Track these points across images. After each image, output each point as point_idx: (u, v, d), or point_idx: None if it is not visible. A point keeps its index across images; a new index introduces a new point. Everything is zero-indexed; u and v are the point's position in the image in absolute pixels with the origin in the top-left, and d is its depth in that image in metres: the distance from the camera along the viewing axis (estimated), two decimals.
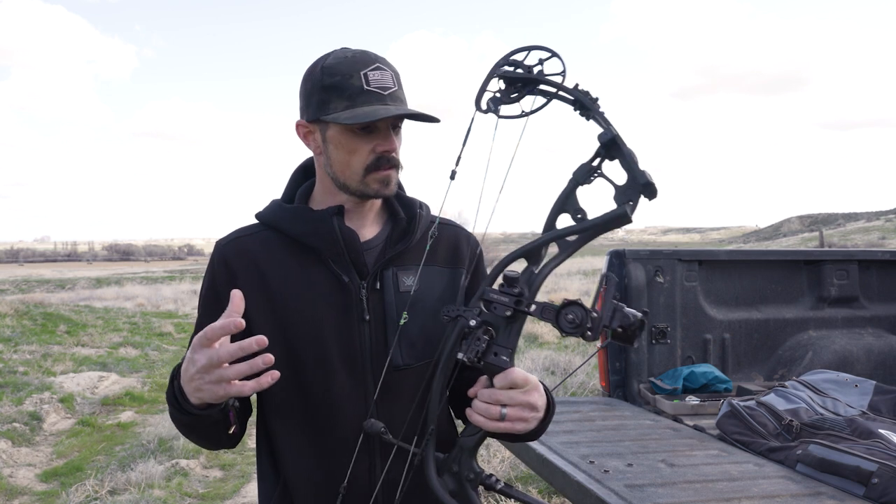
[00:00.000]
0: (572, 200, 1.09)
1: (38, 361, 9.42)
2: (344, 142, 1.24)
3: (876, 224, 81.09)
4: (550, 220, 1.10)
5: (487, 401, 1.11)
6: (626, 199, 1.05)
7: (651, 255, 3.68)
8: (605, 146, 1.06)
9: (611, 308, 1.03)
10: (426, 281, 1.32)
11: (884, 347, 3.82)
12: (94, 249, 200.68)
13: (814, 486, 2.16)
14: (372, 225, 1.35)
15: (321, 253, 1.27)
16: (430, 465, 1.11)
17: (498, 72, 1.13)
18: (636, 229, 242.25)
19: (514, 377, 1.10)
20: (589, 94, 1.09)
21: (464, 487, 1.10)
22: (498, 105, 1.12)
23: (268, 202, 1.37)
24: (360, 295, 1.27)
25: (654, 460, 2.40)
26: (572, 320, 1.04)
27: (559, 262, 1.10)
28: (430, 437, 1.12)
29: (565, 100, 1.11)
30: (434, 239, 1.35)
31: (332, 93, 1.23)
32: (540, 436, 1.29)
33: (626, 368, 3.59)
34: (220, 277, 1.29)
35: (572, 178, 1.09)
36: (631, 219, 1.05)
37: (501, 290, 1.09)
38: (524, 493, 1.12)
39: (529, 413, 1.13)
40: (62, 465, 5.50)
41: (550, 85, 1.11)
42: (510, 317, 1.09)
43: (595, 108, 1.08)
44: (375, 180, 1.26)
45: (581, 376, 7.03)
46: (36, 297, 19.73)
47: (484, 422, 1.11)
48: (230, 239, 1.34)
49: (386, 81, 1.24)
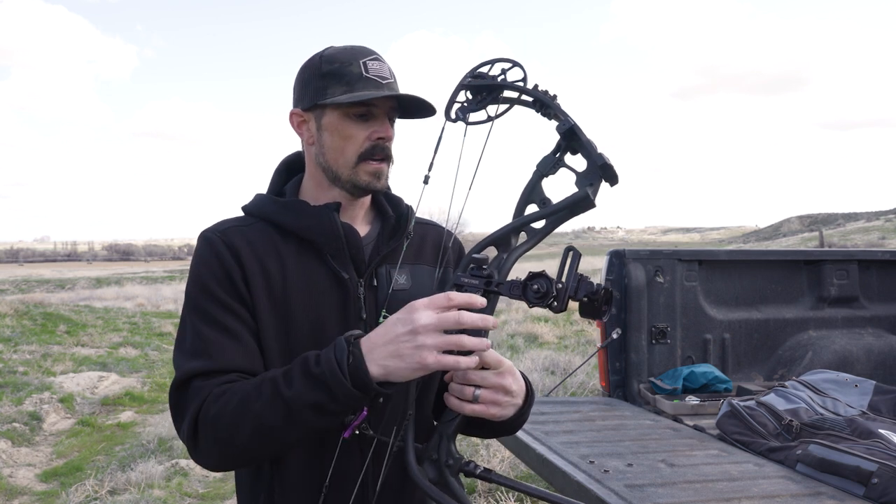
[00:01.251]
0: (538, 190, 1.14)
1: (37, 361, 9.42)
2: (340, 127, 1.24)
3: (876, 224, 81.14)
4: (518, 210, 1.15)
5: (461, 382, 1.12)
6: (586, 183, 1.10)
7: (651, 255, 3.68)
8: (564, 136, 1.12)
9: (575, 279, 1.06)
10: (417, 280, 1.33)
11: (884, 347, 3.82)
12: (93, 249, 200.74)
13: (814, 486, 2.16)
14: (362, 223, 1.34)
15: (320, 248, 1.25)
16: (410, 450, 1.11)
17: (464, 82, 1.20)
18: (636, 229, 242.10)
19: (486, 357, 1.10)
20: (547, 92, 1.15)
21: (444, 475, 1.11)
22: (466, 114, 1.19)
23: (251, 197, 1.34)
24: (359, 293, 1.26)
25: (654, 460, 2.40)
26: (537, 290, 1.06)
27: (528, 248, 1.15)
28: (408, 422, 1.13)
29: (526, 103, 1.18)
30: (421, 239, 1.37)
31: (331, 79, 1.24)
32: (519, 428, 1.28)
33: (626, 368, 3.59)
34: (228, 262, 1.22)
35: (536, 169, 1.15)
36: (594, 202, 1.09)
37: (471, 273, 1.12)
38: (503, 477, 1.13)
39: (503, 397, 1.13)
40: (62, 465, 5.50)
41: (512, 89, 1.18)
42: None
43: (553, 104, 1.14)
44: (367, 172, 1.25)
45: (581, 376, 7.03)
46: (36, 297, 19.73)
47: (458, 404, 1.11)
48: (227, 227, 1.27)
49: (384, 72, 1.26)
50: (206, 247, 1.25)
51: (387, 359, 1.03)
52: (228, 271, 1.21)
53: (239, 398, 1.10)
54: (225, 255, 1.22)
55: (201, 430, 1.12)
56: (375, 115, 1.25)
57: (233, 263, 1.22)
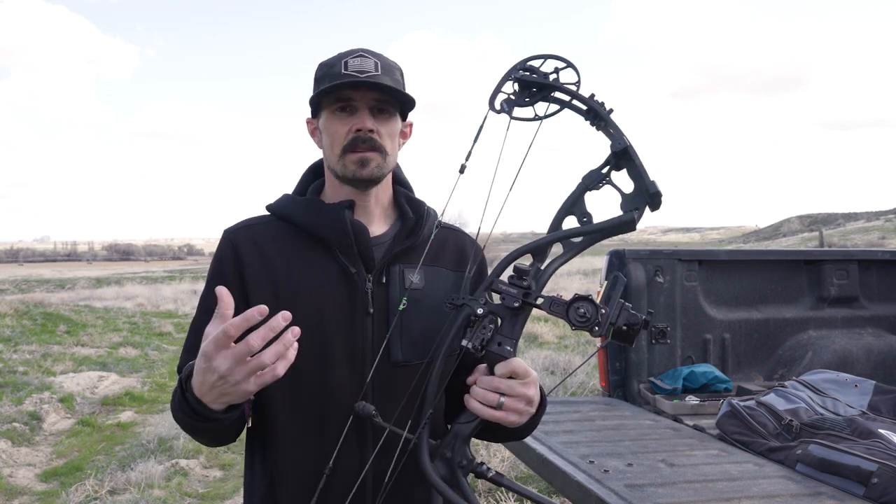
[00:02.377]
0: (580, 204, 1.13)
1: (37, 361, 9.42)
2: (328, 125, 1.30)
3: (876, 224, 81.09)
4: (557, 221, 1.14)
5: (487, 388, 1.13)
6: (632, 207, 1.09)
7: (651, 255, 3.68)
8: (616, 155, 1.10)
9: (618, 307, 1.07)
10: (432, 281, 1.33)
11: (883, 347, 3.82)
12: (93, 249, 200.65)
13: (814, 486, 2.16)
14: (380, 222, 1.38)
15: (330, 244, 1.29)
16: (424, 449, 1.12)
17: (514, 75, 1.17)
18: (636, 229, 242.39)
19: (516, 367, 1.12)
20: (604, 105, 1.13)
21: (455, 473, 1.11)
22: (511, 107, 1.16)
23: (279, 196, 1.41)
24: (366, 288, 1.28)
25: (654, 460, 2.40)
26: (583, 314, 1.07)
27: (564, 261, 1.14)
28: (426, 422, 1.13)
29: (577, 109, 1.15)
30: (442, 242, 1.38)
31: (320, 83, 1.29)
32: (527, 435, 1.30)
33: (626, 368, 3.59)
34: (227, 264, 1.30)
35: (581, 182, 1.13)
36: (636, 226, 1.10)
37: (511, 281, 1.11)
38: (514, 483, 1.13)
39: (525, 406, 1.15)
40: (62, 464, 5.50)
41: (566, 93, 1.15)
42: (516, 308, 1.12)
43: (609, 119, 1.12)
44: (352, 161, 1.28)
45: (581, 376, 7.03)
46: (36, 296, 19.73)
47: (481, 408, 1.12)
48: (239, 227, 1.36)
49: (366, 66, 1.27)
50: (218, 246, 1.35)
51: (219, 398, 1.07)
52: (224, 270, 1.30)
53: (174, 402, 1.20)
54: (226, 255, 1.31)
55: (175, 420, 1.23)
56: (356, 109, 1.28)
57: (231, 262, 1.30)
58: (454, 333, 1.13)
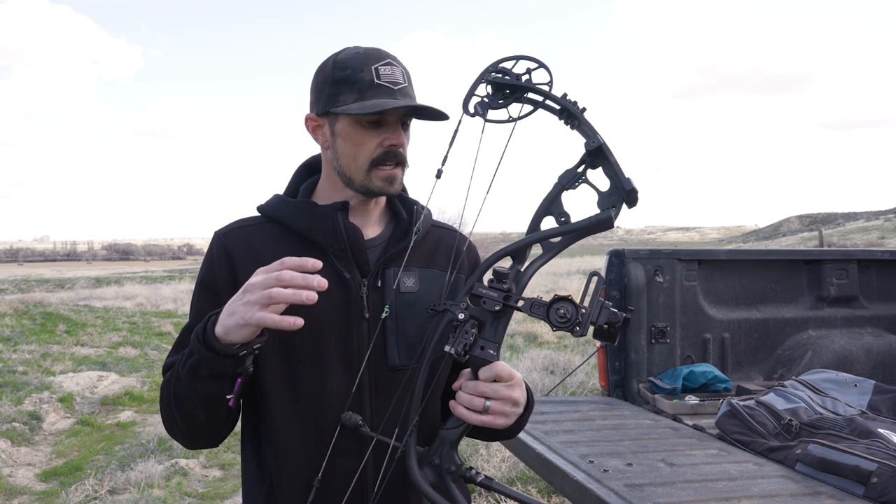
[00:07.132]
0: (557, 204, 1.14)
1: (37, 361, 9.42)
2: (352, 134, 1.25)
3: (875, 224, 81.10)
4: (535, 222, 1.14)
5: (472, 393, 1.13)
6: (609, 205, 1.09)
7: (651, 255, 3.68)
8: (590, 154, 1.11)
9: (598, 305, 1.08)
10: (427, 283, 1.32)
11: (883, 347, 3.82)
12: (93, 249, 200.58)
13: (813, 485, 2.16)
14: (375, 224, 1.35)
15: (323, 248, 1.26)
16: (412, 457, 1.12)
17: (486, 77, 1.17)
18: (636, 228, 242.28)
19: (499, 370, 1.12)
20: (576, 104, 1.13)
21: (444, 479, 1.11)
22: (485, 109, 1.16)
23: (269, 196, 1.37)
24: (361, 292, 1.26)
25: (654, 460, 2.40)
26: (563, 315, 1.08)
27: (544, 262, 1.14)
28: (413, 429, 1.13)
29: (551, 109, 1.16)
30: (436, 243, 1.37)
31: (343, 86, 1.23)
32: (517, 434, 1.30)
33: (626, 368, 3.59)
34: (220, 267, 1.28)
35: (557, 182, 1.14)
36: (614, 224, 1.10)
37: (491, 285, 1.12)
38: (503, 486, 1.13)
39: (511, 408, 1.15)
40: (62, 464, 5.50)
41: (538, 93, 1.16)
42: (498, 312, 1.12)
43: (582, 118, 1.12)
44: (379, 177, 1.26)
45: (581, 376, 7.03)
46: (35, 296, 19.73)
47: (467, 414, 1.12)
48: (230, 228, 1.33)
49: (396, 77, 1.25)
50: (209, 248, 1.33)
51: (225, 318, 1.07)
52: (214, 272, 1.28)
53: (168, 378, 1.20)
54: (216, 257, 1.29)
55: (161, 415, 1.24)
56: (388, 122, 1.24)
57: (223, 264, 1.28)
58: (437, 339, 1.13)
